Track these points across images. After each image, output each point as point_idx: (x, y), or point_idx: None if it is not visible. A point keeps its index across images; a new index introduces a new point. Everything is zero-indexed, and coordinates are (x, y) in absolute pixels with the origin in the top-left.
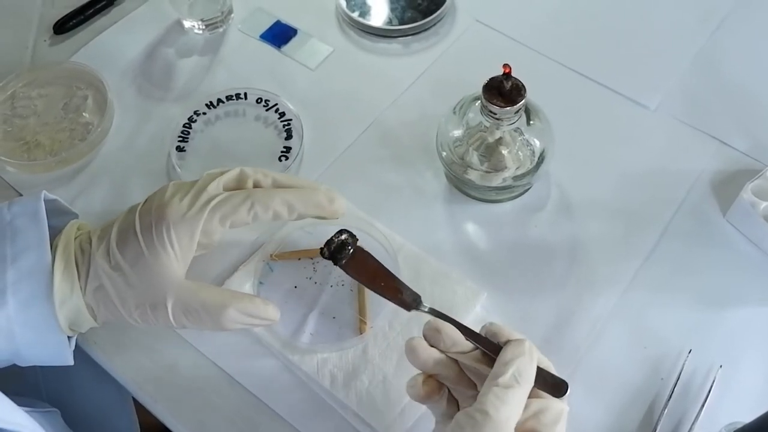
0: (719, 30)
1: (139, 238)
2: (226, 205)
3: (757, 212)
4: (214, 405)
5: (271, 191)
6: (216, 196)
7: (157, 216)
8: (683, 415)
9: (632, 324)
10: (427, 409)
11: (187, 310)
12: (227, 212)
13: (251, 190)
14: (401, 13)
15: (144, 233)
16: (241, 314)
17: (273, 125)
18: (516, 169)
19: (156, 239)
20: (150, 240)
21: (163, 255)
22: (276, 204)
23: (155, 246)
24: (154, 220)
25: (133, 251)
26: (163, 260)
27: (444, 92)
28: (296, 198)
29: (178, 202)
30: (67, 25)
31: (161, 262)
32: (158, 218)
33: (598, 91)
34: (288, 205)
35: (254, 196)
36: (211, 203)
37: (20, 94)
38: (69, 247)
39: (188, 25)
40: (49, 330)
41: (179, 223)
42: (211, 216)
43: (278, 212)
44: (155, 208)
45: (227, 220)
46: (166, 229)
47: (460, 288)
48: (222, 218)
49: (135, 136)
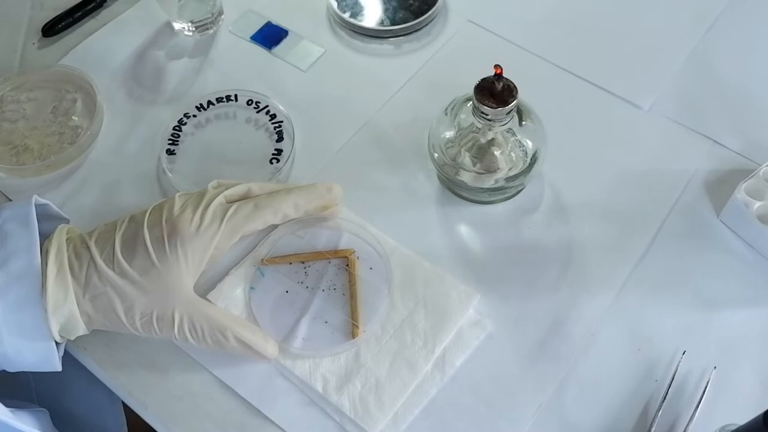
0: (712, 30)
1: (149, 249)
2: (237, 216)
3: (750, 212)
4: (205, 411)
5: (276, 195)
6: (227, 210)
7: (170, 229)
8: (677, 417)
9: (626, 326)
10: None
11: (192, 325)
12: (240, 224)
13: (256, 198)
14: (393, 14)
15: (155, 245)
16: (238, 342)
17: (264, 127)
18: (508, 170)
19: (169, 252)
20: (162, 252)
21: (175, 268)
22: (284, 207)
23: (167, 259)
24: (166, 234)
25: (143, 262)
26: (174, 273)
27: (436, 93)
28: (300, 196)
29: (190, 216)
30: (55, 28)
31: (173, 274)
32: (170, 232)
33: (590, 92)
34: (294, 204)
35: (262, 203)
36: (225, 217)
37: (9, 98)
38: (62, 251)
39: (178, 27)
40: (38, 335)
41: (193, 238)
42: (223, 230)
43: (287, 214)
44: (166, 221)
45: (240, 231)
46: (180, 243)
47: (454, 290)
48: (235, 230)
49: (125, 139)
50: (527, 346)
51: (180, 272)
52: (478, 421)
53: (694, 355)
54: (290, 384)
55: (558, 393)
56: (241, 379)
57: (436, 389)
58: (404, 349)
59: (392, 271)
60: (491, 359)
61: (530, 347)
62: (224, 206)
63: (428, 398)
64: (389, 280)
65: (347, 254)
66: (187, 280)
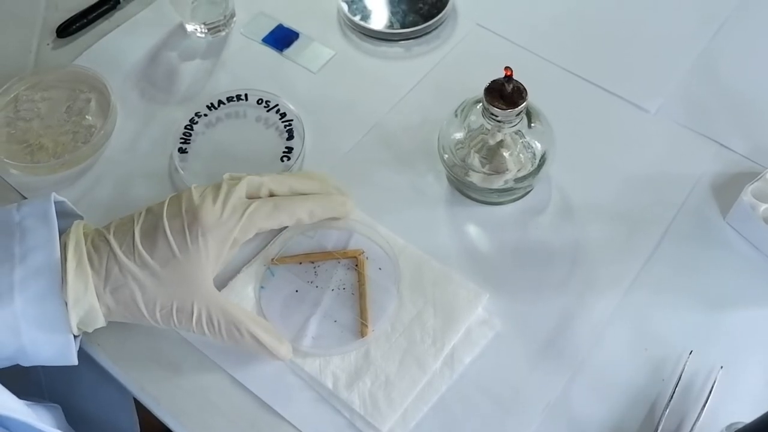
0: (719, 33)
1: (170, 240)
2: (257, 213)
3: (757, 214)
4: (216, 407)
5: (295, 200)
6: (246, 205)
7: (190, 219)
8: (684, 416)
9: (634, 326)
10: (430, 410)
11: (210, 318)
12: (258, 220)
13: (277, 198)
14: (402, 17)
15: (175, 235)
16: (253, 339)
17: (274, 126)
18: (517, 171)
19: (190, 242)
20: (183, 242)
21: (196, 258)
22: (300, 212)
23: (188, 249)
24: (187, 223)
25: (164, 253)
26: (195, 263)
27: (445, 95)
28: (316, 205)
29: (210, 207)
30: (70, 29)
31: (194, 265)
32: (191, 221)
33: (598, 95)
34: (310, 212)
35: (281, 205)
36: (246, 212)
37: (23, 98)
38: (80, 245)
39: (191, 28)
40: (57, 328)
41: (214, 228)
42: (242, 223)
43: (301, 219)
44: (186, 211)
45: (257, 227)
46: (201, 233)
47: (462, 290)
48: (253, 226)
49: (137, 138)
50: (535, 345)
51: (200, 263)
52: (486, 419)
53: (701, 355)
54: (301, 381)
55: (565, 391)
56: (252, 375)
57: (445, 387)
58: (413, 347)
59: (401, 272)
60: (499, 357)
61: (538, 346)
62: (244, 201)
63: (437, 395)
64: (398, 280)
65: (356, 254)
66: (208, 272)
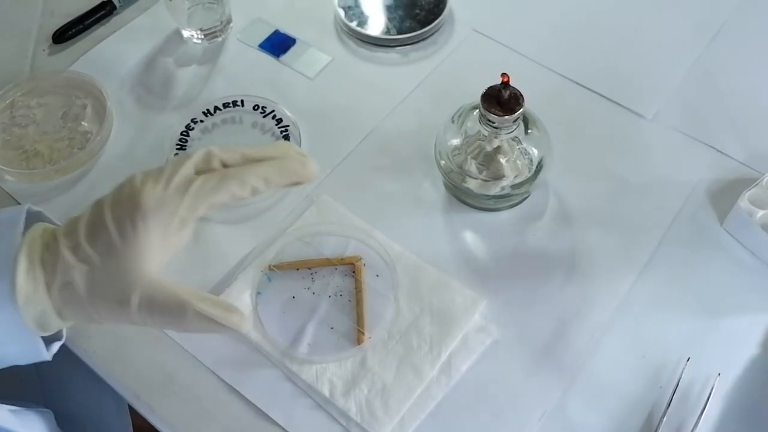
0: (716, 40)
1: (111, 228)
2: (202, 188)
3: (753, 221)
4: (212, 414)
5: (245, 168)
6: (192, 181)
7: (131, 205)
8: (682, 424)
9: (631, 332)
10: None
11: (152, 306)
12: (204, 195)
13: (225, 170)
14: (399, 23)
15: (116, 223)
16: (198, 317)
17: (270, 132)
18: (514, 177)
19: (130, 229)
20: (123, 230)
21: (136, 245)
22: (252, 179)
23: (128, 236)
24: (127, 210)
25: (105, 243)
26: (136, 251)
27: (442, 101)
28: (271, 170)
29: (151, 189)
30: (66, 35)
31: (135, 253)
32: (132, 207)
33: (595, 101)
34: (264, 178)
35: (229, 175)
36: (190, 189)
37: (19, 103)
38: (33, 246)
39: (187, 34)
40: (17, 329)
41: (156, 210)
42: (188, 201)
43: (256, 187)
44: (127, 197)
45: (204, 203)
46: (141, 218)
47: (459, 297)
48: (198, 202)
49: (134, 144)
50: (532, 352)
51: (141, 250)
52: (483, 426)
53: (698, 362)
54: (297, 388)
55: (563, 399)
56: (248, 382)
57: (442, 394)
58: (410, 354)
59: (398, 278)
60: (497, 364)
61: (535, 353)
62: (189, 178)
63: (434, 403)
64: (395, 286)
65: (354, 261)
66: (150, 258)
